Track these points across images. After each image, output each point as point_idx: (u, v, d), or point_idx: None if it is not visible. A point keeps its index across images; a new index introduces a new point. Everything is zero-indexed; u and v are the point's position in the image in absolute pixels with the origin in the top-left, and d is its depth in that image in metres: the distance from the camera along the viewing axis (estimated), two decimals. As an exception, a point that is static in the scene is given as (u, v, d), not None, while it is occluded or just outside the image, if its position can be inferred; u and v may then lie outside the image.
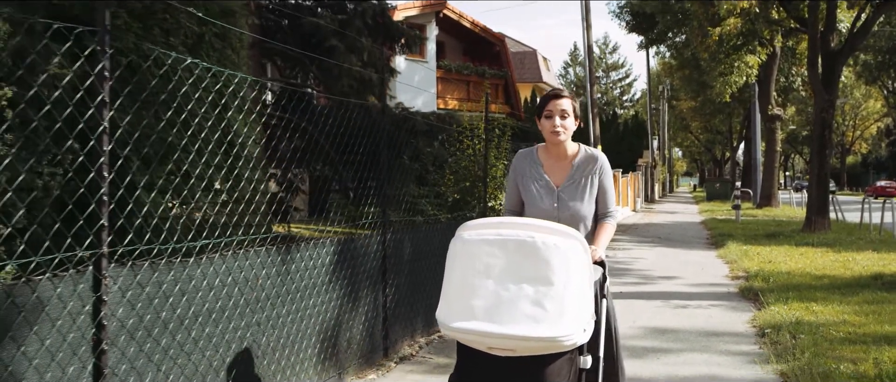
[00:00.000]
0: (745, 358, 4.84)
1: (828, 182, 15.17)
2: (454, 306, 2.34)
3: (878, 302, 6.48)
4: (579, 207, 2.91)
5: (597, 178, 2.95)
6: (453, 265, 2.40)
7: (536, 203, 2.92)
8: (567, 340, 2.26)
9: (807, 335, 5.18)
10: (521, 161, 3.03)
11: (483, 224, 2.45)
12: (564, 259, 2.31)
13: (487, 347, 2.31)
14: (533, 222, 2.46)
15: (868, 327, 5.49)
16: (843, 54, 15.38)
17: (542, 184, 2.95)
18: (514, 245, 2.32)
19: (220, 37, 5.09)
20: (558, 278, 2.28)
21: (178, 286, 2.78)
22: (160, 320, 2.70)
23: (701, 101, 35.76)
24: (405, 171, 6.59)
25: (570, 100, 2.91)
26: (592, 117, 14.06)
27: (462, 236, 2.42)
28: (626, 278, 8.67)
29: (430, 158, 8.82)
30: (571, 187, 2.93)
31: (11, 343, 2.13)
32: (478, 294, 2.30)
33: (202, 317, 2.90)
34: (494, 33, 23.62)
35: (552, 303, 2.25)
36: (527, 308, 2.25)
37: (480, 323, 2.26)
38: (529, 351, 2.30)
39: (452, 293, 2.37)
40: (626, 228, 17.29)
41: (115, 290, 2.45)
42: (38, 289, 2.18)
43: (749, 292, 7.43)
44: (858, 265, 9.01)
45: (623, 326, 5.74)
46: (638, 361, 4.77)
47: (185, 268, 2.82)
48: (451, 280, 2.39)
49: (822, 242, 12.09)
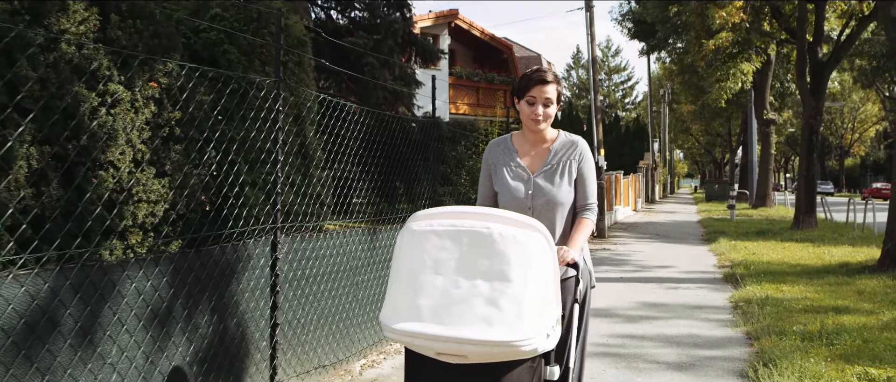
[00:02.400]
0: (720, 323, 6.05)
1: (815, 184, 16.33)
2: (399, 305, 2.10)
3: (838, 284, 7.69)
4: (556, 193, 2.66)
5: (576, 164, 2.71)
6: (399, 260, 2.16)
7: (509, 191, 2.68)
8: (525, 345, 2.01)
9: (772, 306, 6.39)
10: (493, 150, 2.80)
11: (434, 214, 2.18)
12: (523, 253, 2.07)
13: (436, 352, 2.06)
14: (490, 212, 2.19)
15: (823, 301, 6.69)
16: (829, 65, 16.57)
17: (515, 171, 2.72)
18: (467, 237, 2.08)
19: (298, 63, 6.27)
20: (516, 274, 2.04)
21: (315, 251, 4.01)
22: (309, 273, 3.94)
23: (700, 104, 36.95)
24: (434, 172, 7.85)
25: (556, 85, 2.65)
26: (596, 122, 15.27)
27: (410, 228, 2.17)
28: (626, 267, 9.89)
29: (453, 161, 10.08)
30: (548, 173, 2.69)
31: (233, 280, 3.35)
32: (425, 293, 2.06)
33: (331, 274, 4.14)
34: (502, 41, 24.85)
35: (509, 303, 2.01)
36: (480, 309, 2.01)
37: (426, 325, 2.02)
38: (483, 358, 2.04)
39: (397, 291, 2.13)
40: (627, 226, 18.49)
41: (283, 252, 3.68)
42: (247, 248, 3.41)
43: (731, 277, 8.64)
44: (831, 257, 10.21)
45: (622, 302, 7.01)
46: (633, 325, 5.97)
47: (313, 240, 4.05)
48: (397, 277, 2.15)
49: (806, 238, 13.27)
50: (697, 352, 5.05)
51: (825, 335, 5.24)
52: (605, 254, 11.35)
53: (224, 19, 5.12)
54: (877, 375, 4.20)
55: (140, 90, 3.52)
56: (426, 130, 6.92)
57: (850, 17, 16.43)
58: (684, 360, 4.83)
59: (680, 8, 19.62)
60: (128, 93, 3.45)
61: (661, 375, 4.49)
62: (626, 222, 19.77)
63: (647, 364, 4.72)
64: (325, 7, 11.93)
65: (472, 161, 10.24)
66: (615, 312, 6.50)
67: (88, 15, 3.48)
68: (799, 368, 4.30)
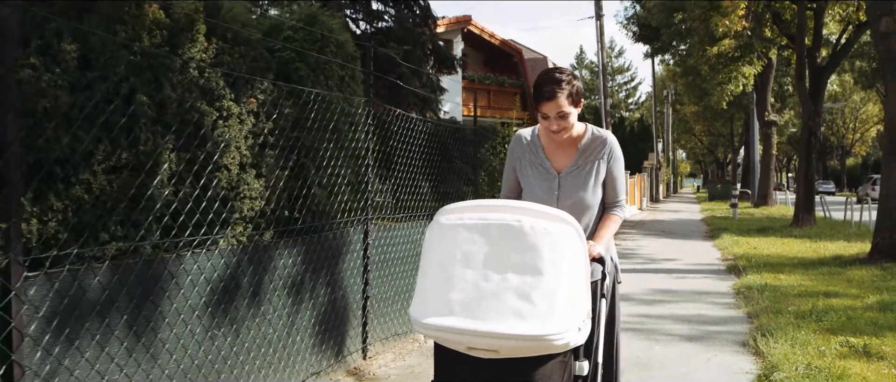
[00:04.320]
0: (724, 306, 6.89)
1: (814, 183, 17.14)
2: (429, 300, 2.07)
3: (831, 274, 8.53)
4: (583, 195, 2.60)
5: (605, 164, 2.62)
6: (429, 255, 2.15)
7: (534, 191, 2.63)
8: (558, 339, 1.98)
9: (770, 292, 7.23)
10: (518, 145, 2.72)
11: (464, 208, 2.16)
12: (556, 246, 2.04)
13: (466, 347, 2.04)
14: (520, 205, 2.17)
15: (816, 287, 7.54)
16: (827, 69, 17.40)
17: (541, 169, 2.65)
18: (498, 231, 2.06)
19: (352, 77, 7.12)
20: (548, 267, 2.01)
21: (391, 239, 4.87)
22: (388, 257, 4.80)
23: (703, 106, 37.76)
24: (459, 172, 8.72)
25: (566, 93, 2.50)
26: (606, 126, 16.14)
27: (439, 221, 2.16)
28: (637, 259, 10.74)
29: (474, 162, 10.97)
30: (575, 173, 2.62)
31: (339, 260, 4.21)
32: (455, 287, 2.03)
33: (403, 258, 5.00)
34: (512, 45, 25.71)
35: (541, 296, 1.98)
36: (511, 302, 1.98)
37: (457, 320, 1.99)
38: (514, 352, 2.01)
39: (427, 285, 2.11)
40: (633, 224, 19.34)
41: (372, 238, 4.53)
42: (344, 233, 4.27)
43: (734, 268, 9.48)
44: (826, 250, 11.05)
45: (637, 289, 7.85)
46: (648, 307, 6.82)
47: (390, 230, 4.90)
48: (427, 271, 2.13)
49: (805, 234, 14.09)
50: (706, 327, 5.90)
51: (815, 313, 6.08)
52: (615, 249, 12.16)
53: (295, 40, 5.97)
54: (855, 342, 5.04)
55: (244, 105, 4.37)
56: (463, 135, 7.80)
57: (848, 24, 17.22)
58: (695, 334, 5.68)
59: (684, 15, 20.41)
60: (238, 107, 4.30)
61: (676, 345, 5.33)
62: (633, 220, 20.62)
63: (663, 337, 5.57)
64: (354, 18, 12.79)
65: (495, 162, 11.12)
66: (632, 297, 7.35)
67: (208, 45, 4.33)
68: (791, 337, 5.14)
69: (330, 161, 4.17)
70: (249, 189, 4.20)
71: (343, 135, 4.33)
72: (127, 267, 2.72)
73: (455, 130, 7.98)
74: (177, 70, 3.90)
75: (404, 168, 5.31)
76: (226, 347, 3.25)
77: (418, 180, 5.60)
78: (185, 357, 2.99)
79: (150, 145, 3.46)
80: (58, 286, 2.39)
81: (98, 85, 2.99)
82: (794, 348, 4.87)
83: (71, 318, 2.45)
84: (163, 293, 2.90)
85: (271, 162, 4.51)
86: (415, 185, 5.51)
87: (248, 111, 4.35)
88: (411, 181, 5.42)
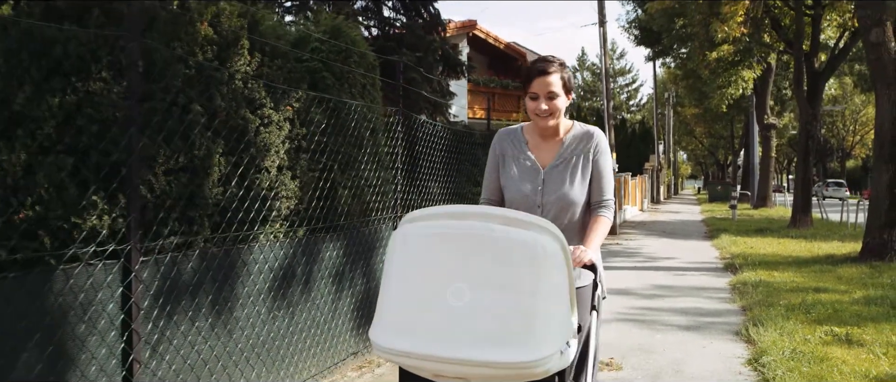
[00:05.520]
0: (720, 300, 7.38)
1: (811, 185, 17.63)
2: (390, 320, 1.88)
3: (822, 272, 9.02)
4: (568, 191, 2.46)
5: (591, 157, 2.50)
6: (390, 268, 1.93)
7: (517, 187, 2.49)
8: (537, 366, 1.77)
9: (763, 287, 7.72)
10: (501, 141, 2.60)
11: (430, 215, 1.93)
12: (533, 258, 1.81)
13: (433, 374, 1.85)
14: (492, 211, 1.91)
15: (807, 284, 8.03)
16: (824, 74, 17.88)
17: (524, 164, 2.52)
18: (469, 241, 1.83)
19: (372, 85, 7.60)
20: (526, 283, 1.80)
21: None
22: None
23: (704, 108, 38.24)
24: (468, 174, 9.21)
25: (559, 73, 2.44)
26: (609, 128, 16.61)
27: (404, 231, 1.94)
28: (638, 258, 11.24)
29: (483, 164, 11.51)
30: (560, 168, 2.49)
31: (373, 254, 4.70)
32: (420, 305, 1.83)
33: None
34: (516, 49, 26.21)
35: (517, 317, 1.78)
36: (483, 324, 1.77)
37: (423, 343, 1.79)
38: (487, 380, 1.80)
39: (388, 303, 1.90)
40: (635, 224, 19.83)
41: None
42: (377, 228, 4.76)
43: (731, 266, 9.98)
44: (820, 250, 11.53)
45: (637, 284, 8.35)
46: (648, 300, 7.31)
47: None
48: (389, 288, 1.91)
49: (801, 235, 14.57)
50: (702, 319, 6.39)
51: (804, 306, 6.57)
52: (617, 248, 12.67)
53: (321, 51, 6.46)
54: (839, 331, 5.53)
55: (281, 112, 4.86)
56: (472, 138, 8.31)
57: (845, 29, 17.70)
58: (692, 324, 6.17)
59: (685, 21, 20.90)
60: (277, 115, 4.79)
61: (675, 334, 5.82)
62: (635, 221, 21.11)
63: (663, 327, 6.06)
64: (365, 25, 13.29)
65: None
66: (632, 291, 7.84)
67: (251, 59, 4.82)
68: (780, 327, 5.63)
69: (363, 165, 4.65)
70: (286, 189, 4.70)
71: (378, 141, 4.82)
72: (212, 255, 3.21)
73: (468, 133, 8.51)
74: (224, 82, 4.35)
75: (428, 169, 5.79)
76: (283, 327, 3.74)
77: (439, 179, 6.08)
78: (253, 334, 3.48)
79: (203, 149, 3.94)
80: (163, 269, 2.89)
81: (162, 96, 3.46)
82: (782, 336, 5.36)
83: (171, 296, 2.94)
84: (237, 279, 3.40)
85: (320, 165, 5.02)
86: (441, 183, 5.99)
87: (284, 118, 4.84)
88: (435, 182, 5.91)
